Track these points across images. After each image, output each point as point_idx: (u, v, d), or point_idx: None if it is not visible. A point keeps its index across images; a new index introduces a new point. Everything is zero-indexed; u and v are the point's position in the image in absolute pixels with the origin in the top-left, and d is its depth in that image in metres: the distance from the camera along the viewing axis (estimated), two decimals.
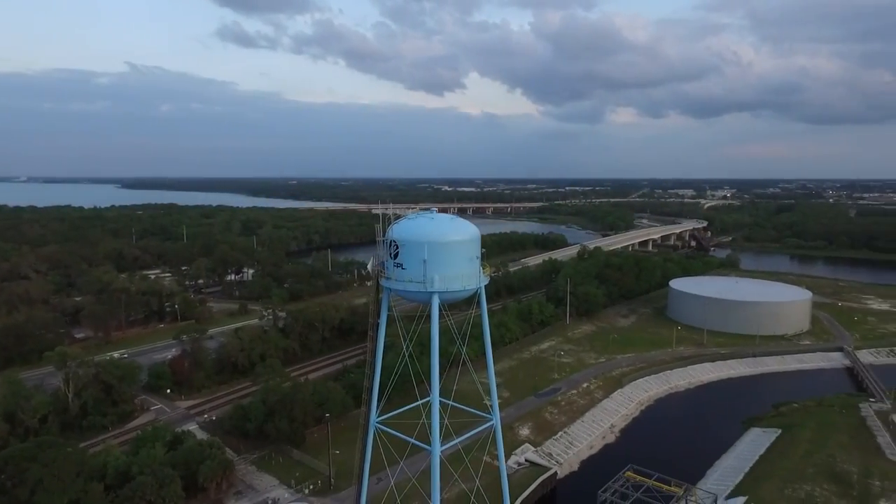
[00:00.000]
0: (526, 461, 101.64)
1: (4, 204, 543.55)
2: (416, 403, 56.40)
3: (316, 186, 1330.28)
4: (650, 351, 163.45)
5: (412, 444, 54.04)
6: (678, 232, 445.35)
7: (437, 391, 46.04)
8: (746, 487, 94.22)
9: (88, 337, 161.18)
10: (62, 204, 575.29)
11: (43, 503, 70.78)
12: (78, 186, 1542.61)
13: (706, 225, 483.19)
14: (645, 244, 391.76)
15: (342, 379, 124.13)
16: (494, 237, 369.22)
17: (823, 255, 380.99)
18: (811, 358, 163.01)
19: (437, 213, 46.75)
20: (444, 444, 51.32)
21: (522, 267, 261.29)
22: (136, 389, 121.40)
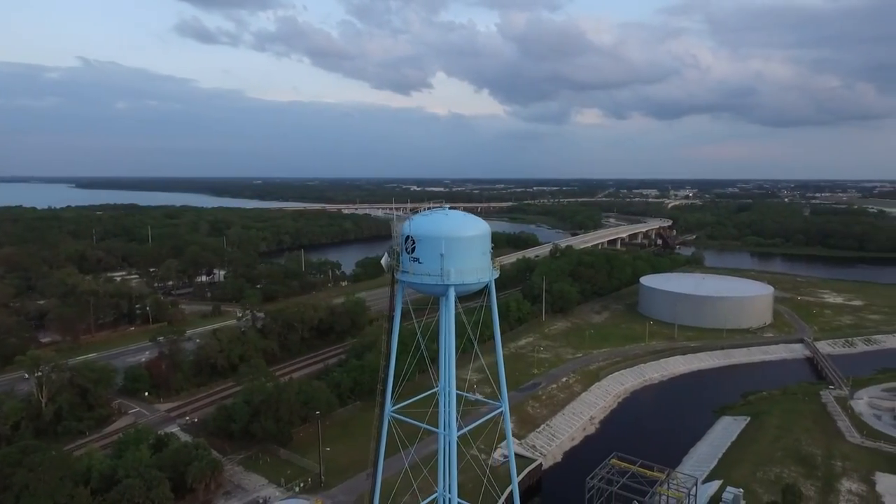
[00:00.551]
0: (503, 456, 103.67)
1: None
2: (428, 392, 57.81)
3: (281, 186, 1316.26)
4: (624, 346, 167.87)
5: (423, 429, 55.43)
6: (645, 231, 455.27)
7: (453, 379, 47.80)
8: (721, 471, 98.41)
9: (56, 341, 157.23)
10: (12, 204, 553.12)
11: None
12: (29, 186, 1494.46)
13: (671, 224, 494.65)
14: (614, 243, 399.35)
15: (325, 378, 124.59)
16: None
17: (781, 252, 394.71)
18: (775, 349, 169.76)
19: (449, 209, 48.61)
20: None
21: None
22: (111, 393, 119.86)
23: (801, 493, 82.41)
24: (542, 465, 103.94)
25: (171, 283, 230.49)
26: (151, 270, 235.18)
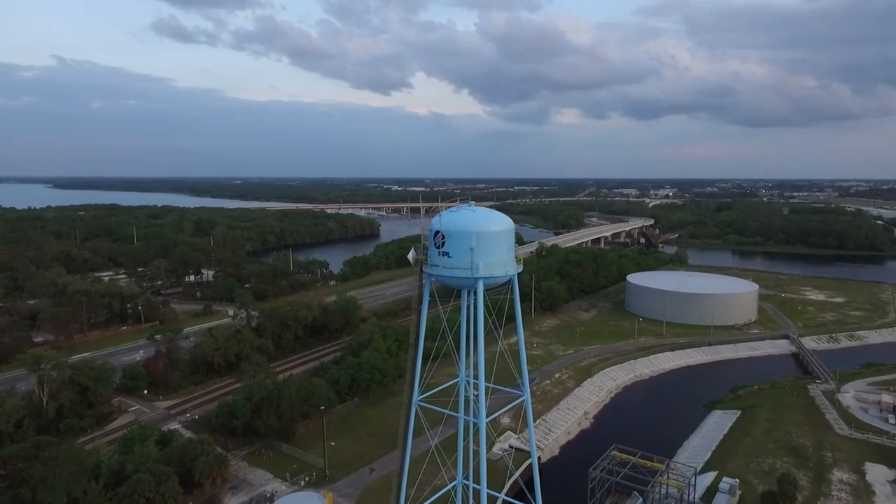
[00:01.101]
0: (510, 447, 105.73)
1: None
2: (451, 382, 59.42)
3: (262, 186, 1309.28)
4: (614, 342, 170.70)
5: (445, 417, 56.82)
6: (628, 230, 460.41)
7: (482, 369, 49.62)
8: (715, 463, 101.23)
9: (48, 341, 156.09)
10: None
11: (45, 502, 70.28)
12: (5, 186, 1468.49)
13: (653, 223, 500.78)
14: (597, 242, 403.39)
15: (323, 375, 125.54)
16: None
17: (762, 250, 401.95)
18: (761, 345, 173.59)
19: (475, 206, 50.28)
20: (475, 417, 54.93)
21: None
22: (110, 391, 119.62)
23: (796, 482, 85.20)
24: (540, 458, 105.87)
25: (159, 282, 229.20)
26: (140, 270, 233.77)
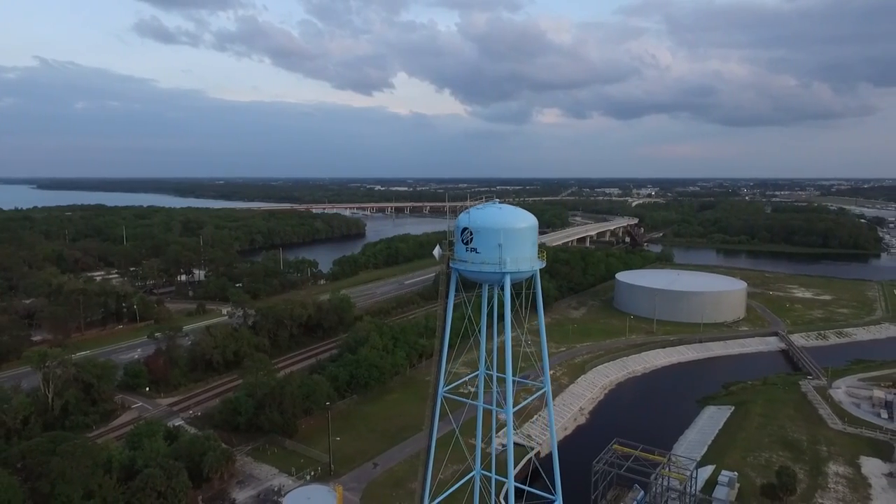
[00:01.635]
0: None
1: None
2: (472, 374, 60.98)
3: (245, 186, 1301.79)
4: (605, 340, 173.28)
5: (472, 406, 59.21)
6: (613, 228, 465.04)
7: (509, 360, 51.25)
8: (712, 457, 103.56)
9: (47, 339, 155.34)
10: None
11: (63, 495, 70.79)
12: None
13: (638, 222, 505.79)
14: (583, 241, 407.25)
15: (322, 372, 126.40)
16: (439, 235, 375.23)
17: (746, 249, 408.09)
18: (751, 342, 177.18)
19: (500, 203, 51.94)
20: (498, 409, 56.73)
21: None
22: (112, 388, 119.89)
23: (795, 474, 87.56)
24: (539, 452, 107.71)
25: (151, 282, 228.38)
26: (132, 270, 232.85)
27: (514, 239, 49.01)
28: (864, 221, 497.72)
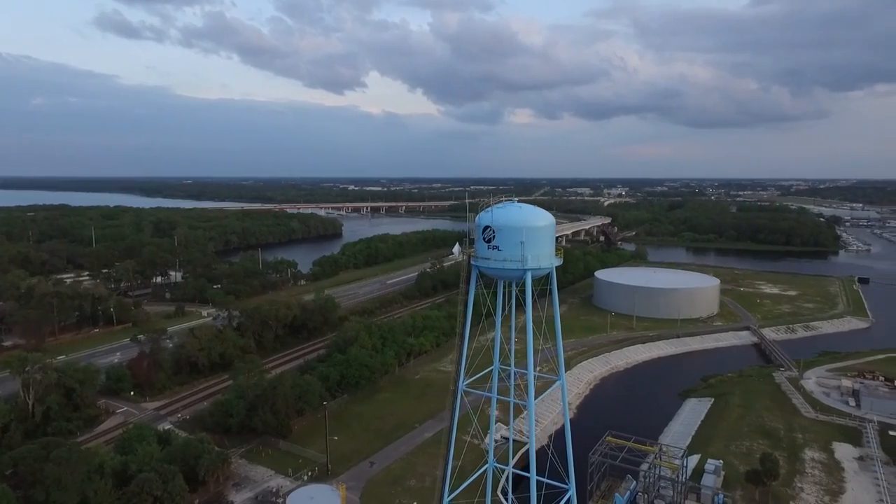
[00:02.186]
0: (502, 437, 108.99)
1: None
2: (488, 369, 62.34)
3: (216, 186, 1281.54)
4: (587, 336, 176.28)
5: (475, 399, 59.38)
6: (587, 228, 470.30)
7: (531, 354, 52.63)
8: (697, 447, 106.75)
9: (18, 345, 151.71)
10: None
11: (59, 502, 69.93)
12: None
13: (611, 221, 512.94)
14: (559, 240, 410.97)
15: (311, 373, 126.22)
16: (418, 235, 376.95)
17: (714, 246, 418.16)
18: (725, 337, 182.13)
19: (518, 202, 53.36)
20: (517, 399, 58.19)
21: (454, 262, 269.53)
22: (95, 393, 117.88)
23: (778, 461, 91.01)
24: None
25: (126, 284, 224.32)
26: (105, 271, 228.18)
27: (535, 237, 50.63)
28: (823, 220, 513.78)
